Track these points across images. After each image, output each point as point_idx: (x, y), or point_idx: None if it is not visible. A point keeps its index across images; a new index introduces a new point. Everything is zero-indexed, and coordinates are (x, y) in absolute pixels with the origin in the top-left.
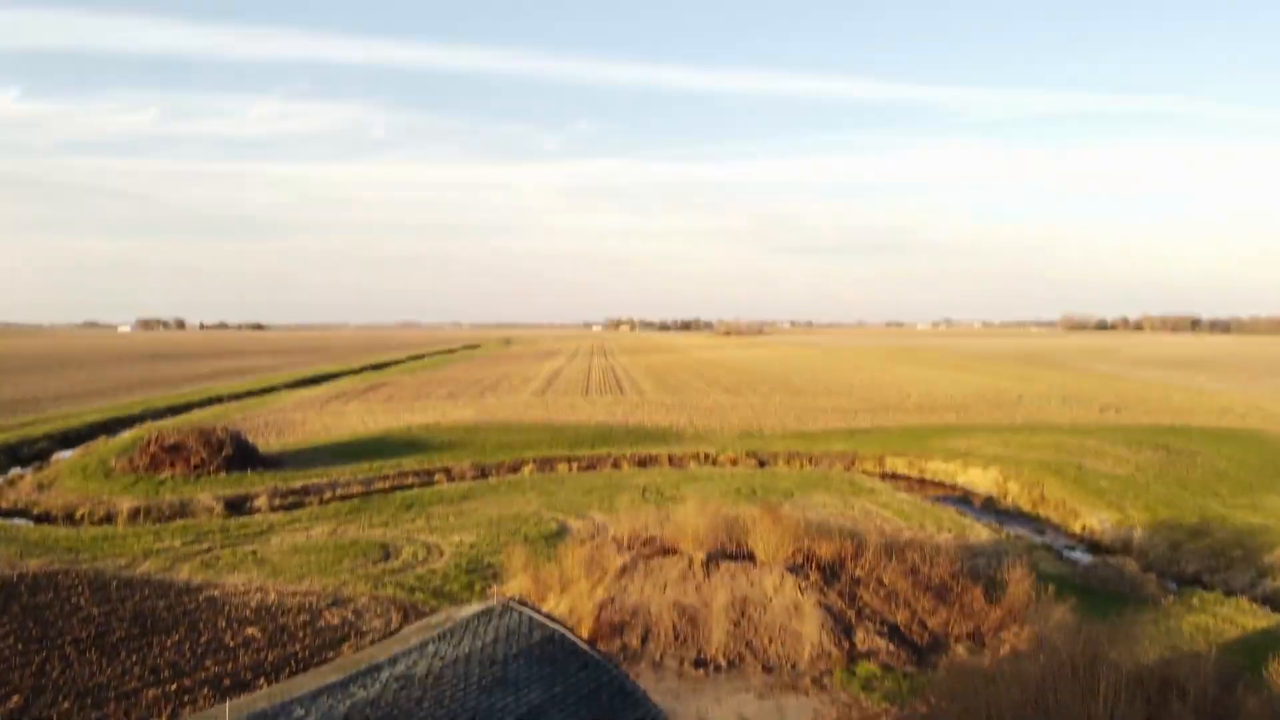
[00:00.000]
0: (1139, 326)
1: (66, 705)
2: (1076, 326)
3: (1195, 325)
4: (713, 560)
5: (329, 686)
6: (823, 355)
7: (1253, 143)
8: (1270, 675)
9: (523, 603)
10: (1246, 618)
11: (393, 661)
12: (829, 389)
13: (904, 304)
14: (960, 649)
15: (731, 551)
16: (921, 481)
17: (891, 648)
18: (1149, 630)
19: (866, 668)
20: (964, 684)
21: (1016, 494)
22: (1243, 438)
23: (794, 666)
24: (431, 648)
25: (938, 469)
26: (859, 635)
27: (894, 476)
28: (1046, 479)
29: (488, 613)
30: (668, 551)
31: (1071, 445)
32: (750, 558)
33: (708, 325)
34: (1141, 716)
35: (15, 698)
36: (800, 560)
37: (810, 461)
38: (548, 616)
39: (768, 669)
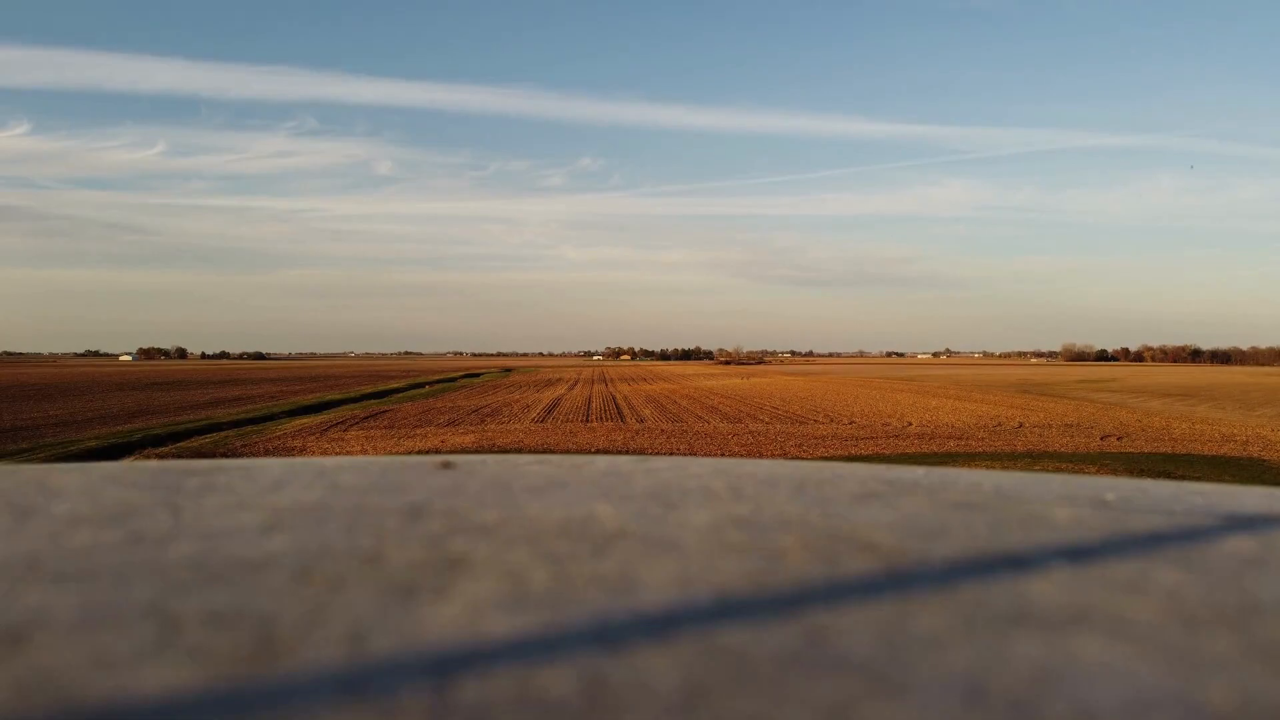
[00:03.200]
0: (1139, 357)
1: None
2: (1077, 356)
3: (1196, 355)
4: None
5: None
6: (823, 384)
7: (1251, 178)
8: None
9: None
10: None
11: None
12: (830, 416)
13: (904, 334)
14: None
15: None
16: None
17: None
18: None
19: None
20: None
21: None
22: (1244, 465)
23: None
24: None
25: None
26: None
27: None
28: None
29: None
30: None
31: (1073, 473)
32: None
33: (708, 354)
34: None
35: None
36: None
37: None
38: None
39: None
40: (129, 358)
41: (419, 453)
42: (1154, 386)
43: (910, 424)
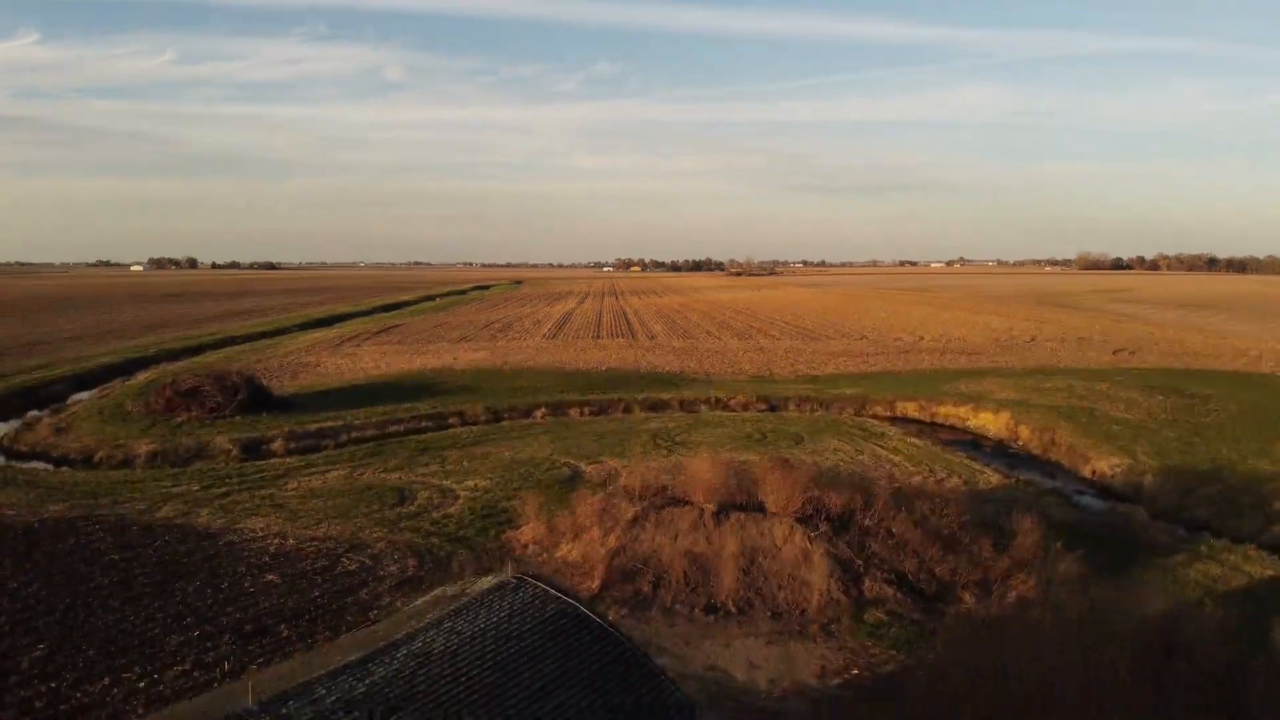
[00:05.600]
0: (1155, 266)
1: (91, 653)
2: (1092, 265)
3: (1212, 264)
4: (723, 511)
5: (349, 665)
6: (835, 298)
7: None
8: (1276, 636)
9: (536, 577)
10: (1254, 566)
11: (410, 639)
12: (841, 332)
13: (918, 243)
14: (967, 597)
15: (742, 503)
16: (933, 425)
17: (899, 596)
18: (1156, 579)
19: (874, 616)
20: (969, 633)
21: (1027, 438)
22: (1256, 382)
23: (803, 613)
24: (448, 624)
25: (949, 413)
26: (867, 584)
27: (905, 420)
28: (1058, 424)
29: (502, 587)
30: (679, 502)
31: (1084, 390)
32: (760, 509)
33: (719, 266)
34: (1146, 679)
35: (41, 646)
36: (810, 511)
37: (821, 405)
38: (560, 591)
39: (776, 615)
40: (140, 268)
41: (433, 370)
42: (1169, 297)
43: (922, 339)
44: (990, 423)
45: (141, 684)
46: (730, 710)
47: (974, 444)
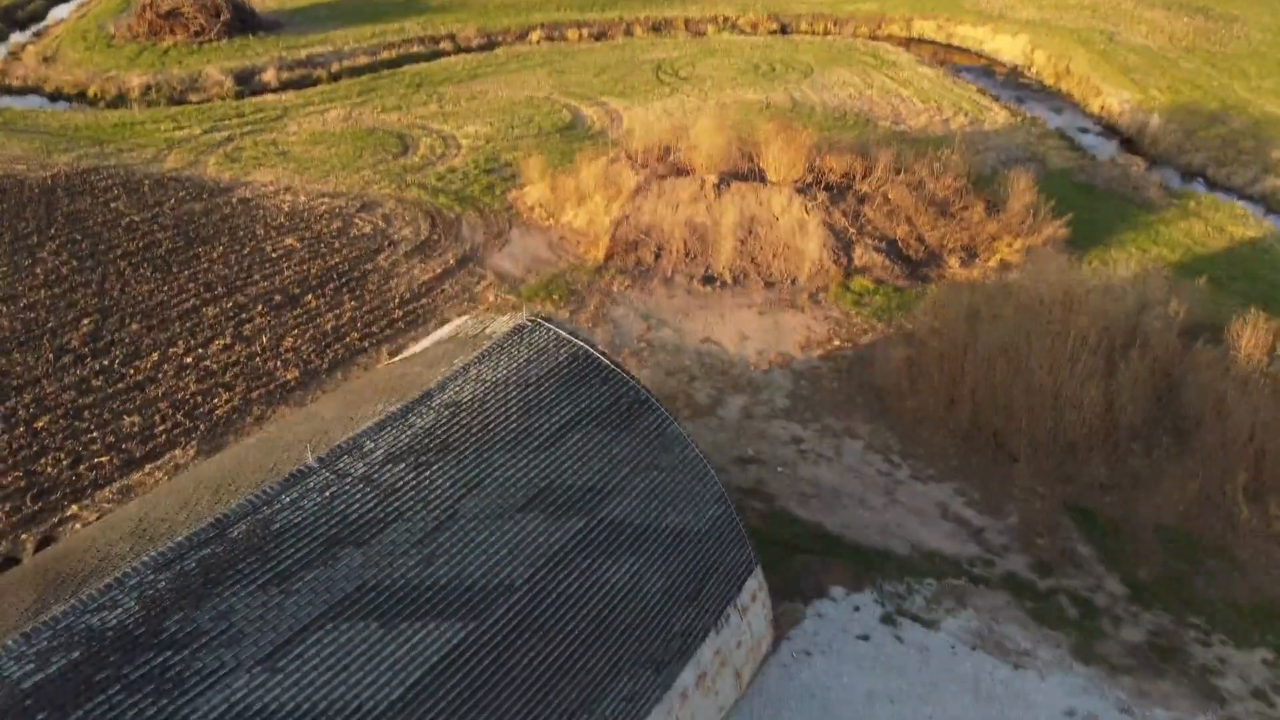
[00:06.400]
0: None
1: (135, 327)
2: None
3: None
4: (724, 181)
5: (391, 417)
6: None
7: None
8: (1231, 333)
9: (548, 319)
10: (1236, 226)
11: (441, 388)
12: None
13: None
14: (953, 262)
15: (743, 172)
16: (948, 48)
17: (887, 262)
18: (1139, 238)
19: (861, 283)
20: (947, 298)
21: (1042, 65)
22: None
23: (794, 283)
24: (474, 370)
25: (966, 35)
26: (858, 251)
27: (921, 42)
28: (1074, 50)
29: (519, 330)
30: (681, 172)
31: (1107, 9)
32: (761, 178)
33: None
34: (1103, 364)
35: (86, 322)
36: (810, 180)
37: (835, 25)
38: (571, 332)
39: (769, 284)
40: None
41: None
42: None
43: None
44: (1007, 46)
45: (189, 359)
46: (719, 383)
47: (987, 72)
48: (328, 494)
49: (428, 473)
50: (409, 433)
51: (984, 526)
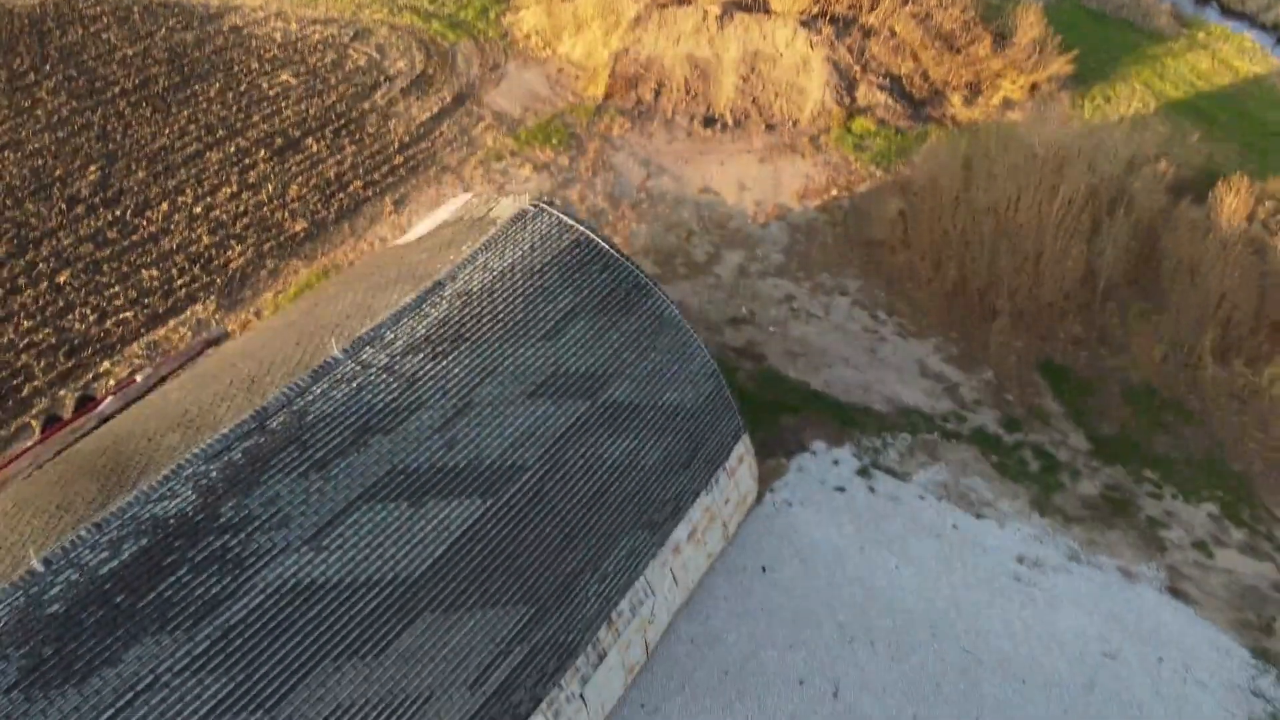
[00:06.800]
0: None
1: (141, 175)
2: None
3: None
4: (728, 12)
5: (407, 308)
6: None
7: None
8: (1215, 197)
9: (550, 203)
10: (1243, 61)
11: (452, 277)
12: None
13: None
14: (956, 100)
15: (747, 3)
16: None
17: (890, 102)
18: (1144, 73)
19: (863, 125)
20: (942, 146)
21: None
22: None
23: (795, 125)
24: (480, 259)
25: None
26: (861, 90)
27: None
28: None
29: (522, 216)
30: (682, 1)
31: None
32: (765, 8)
33: None
34: (1088, 224)
35: (93, 169)
36: (815, 12)
37: None
38: (574, 218)
39: (770, 127)
40: None
41: None
42: None
43: None
44: None
45: (198, 209)
46: (717, 238)
47: None
48: (354, 384)
49: (445, 362)
50: (424, 323)
51: (959, 383)
